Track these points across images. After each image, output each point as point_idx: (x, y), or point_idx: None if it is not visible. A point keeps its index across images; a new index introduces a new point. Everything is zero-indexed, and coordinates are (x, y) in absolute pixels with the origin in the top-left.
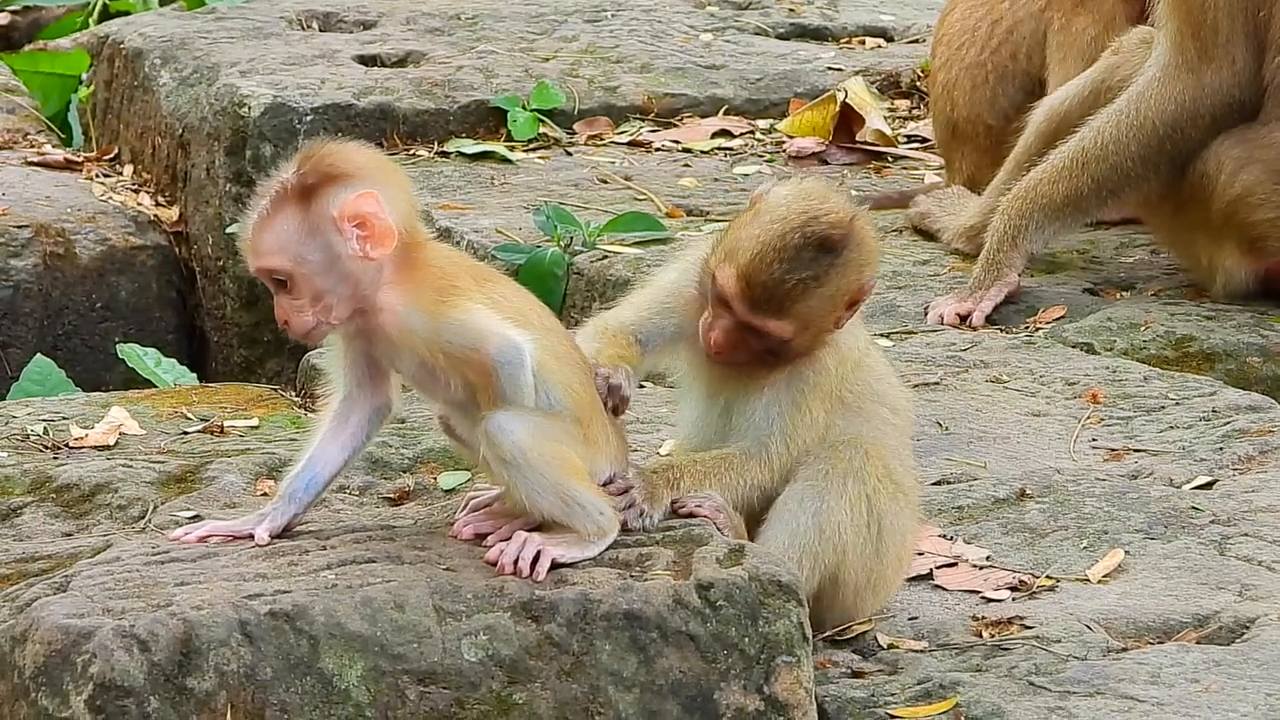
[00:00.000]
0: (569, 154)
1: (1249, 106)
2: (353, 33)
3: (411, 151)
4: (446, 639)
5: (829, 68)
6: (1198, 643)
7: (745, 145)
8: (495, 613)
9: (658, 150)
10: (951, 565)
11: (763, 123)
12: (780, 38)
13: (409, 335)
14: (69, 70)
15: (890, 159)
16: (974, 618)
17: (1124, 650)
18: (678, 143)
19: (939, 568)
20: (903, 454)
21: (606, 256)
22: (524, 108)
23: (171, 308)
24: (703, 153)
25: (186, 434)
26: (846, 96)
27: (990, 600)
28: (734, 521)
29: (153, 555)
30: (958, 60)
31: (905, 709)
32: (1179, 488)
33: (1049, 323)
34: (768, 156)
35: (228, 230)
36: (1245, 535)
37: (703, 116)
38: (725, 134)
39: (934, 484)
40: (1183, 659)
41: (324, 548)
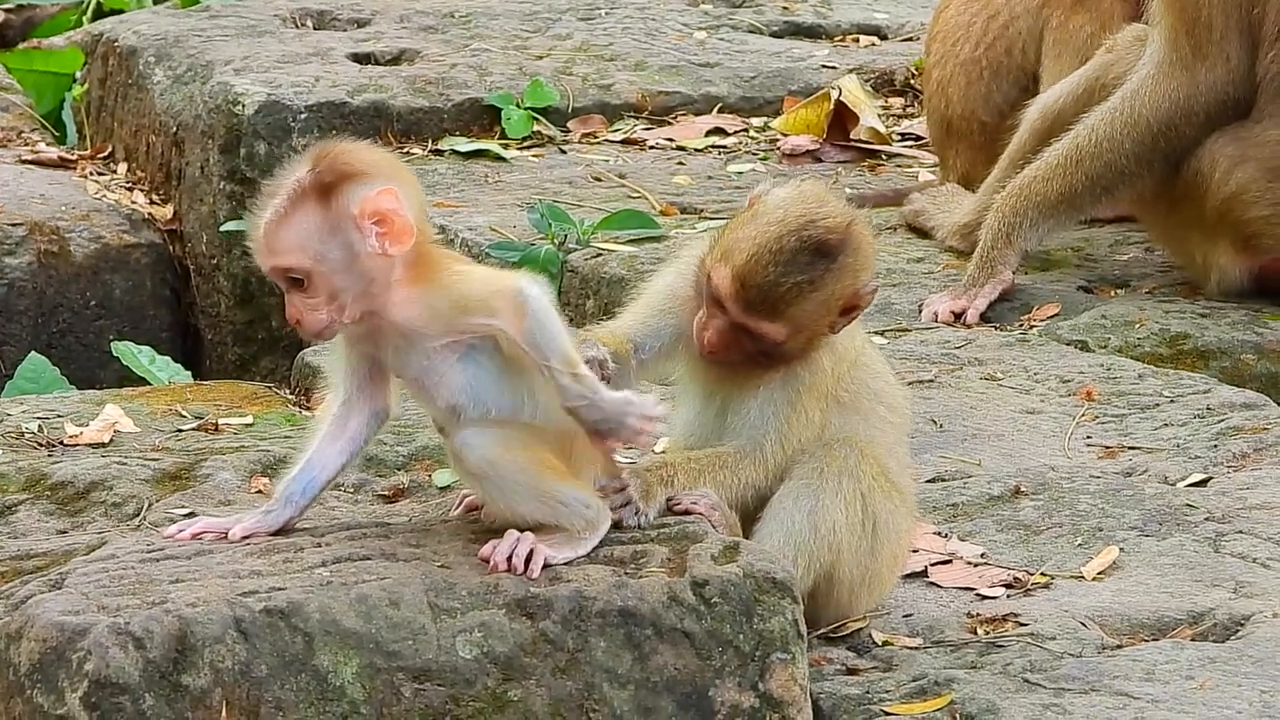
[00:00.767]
0: (563, 152)
1: (1243, 104)
2: (347, 31)
3: (405, 150)
4: (441, 636)
5: (823, 65)
6: (1192, 640)
7: (739, 143)
8: (490, 610)
9: (652, 148)
10: (946, 562)
11: (757, 121)
12: (774, 35)
13: (435, 320)
14: (63, 68)
15: (884, 157)
16: (969, 615)
17: (1119, 647)
18: (672, 141)
19: (934, 565)
20: (899, 452)
21: (601, 254)
22: (518, 106)
23: (166, 305)
24: (697, 150)
25: (181, 431)
26: (841, 94)
27: (985, 597)
28: (729, 519)
29: (147, 553)
30: (952, 56)
31: (900, 706)
32: (1173, 485)
33: (1043, 320)
34: (762, 154)
35: (222, 228)
36: (1240, 532)
37: (697, 114)
38: (719, 132)
39: (928, 481)
40: (1177, 656)
41: (319, 545)
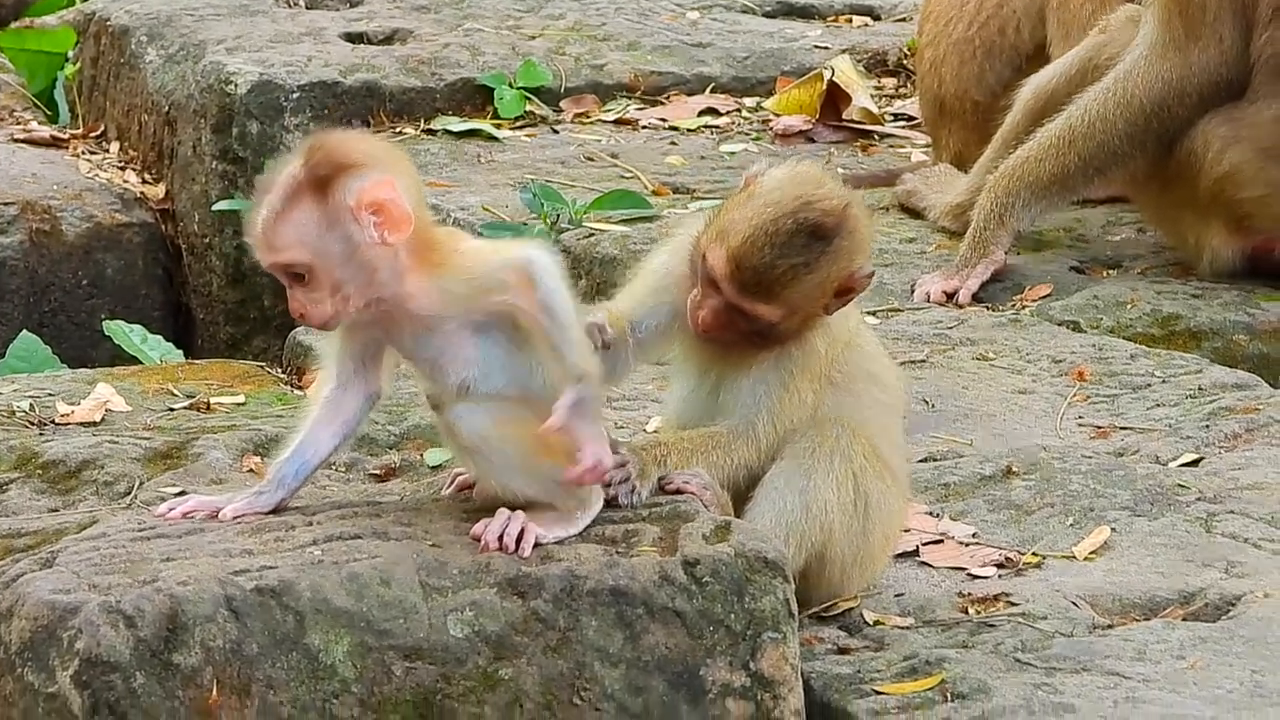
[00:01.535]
0: (555, 132)
1: (1236, 85)
2: (339, 10)
3: (398, 129)
4: (432, 615)
5: (816, 46)
6: (1183, 619)
7: (732, 123)
8: (481, 589)
9: (644, 128)
10: (938, 542)
11: (749, 101)
12: (767, 16)
13: (454, 304)
14: (55, 47)
15: (877, 137)
16: (960, 594)
17: (1110, 627)
18: (664, 121)
19: (925, 545)
20: (892, 433)
21: (593, 234)
22: (511, 85)
23: (158, 284)
24: (689, 131)
25: (172, 410)
26: (833, 74)
27: (976, 577)
28: (721, 499)
29: (139, 531)
30: (945, 36)
31: (891, 685)
32: (1165, 465)
33: (1035, 300)
34: (754, 135)
35: (214, 207)
36: (1231, 512)
37: (689, 94)
38: (712, 112)
39: (920, 461)
40: (1168, 636)
41: (310, 524)
